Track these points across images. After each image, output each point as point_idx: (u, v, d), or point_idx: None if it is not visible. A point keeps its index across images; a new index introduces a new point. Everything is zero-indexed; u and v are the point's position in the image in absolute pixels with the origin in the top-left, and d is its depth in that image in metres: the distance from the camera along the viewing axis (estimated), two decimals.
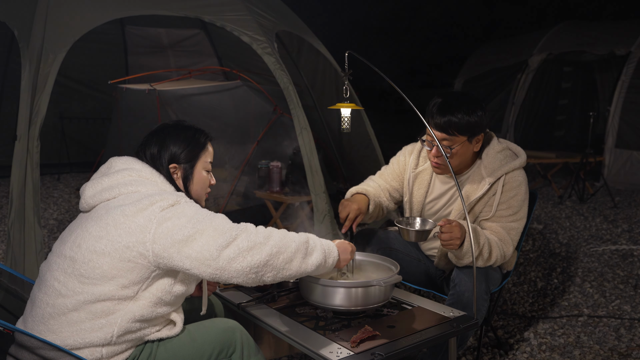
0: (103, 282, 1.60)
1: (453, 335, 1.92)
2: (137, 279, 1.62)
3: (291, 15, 5.18)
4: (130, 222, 1.61)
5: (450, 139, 2.26)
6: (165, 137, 1.86)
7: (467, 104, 2.25)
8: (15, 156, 3.31)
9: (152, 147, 1.85)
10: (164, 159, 1.83)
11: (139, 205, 1.63)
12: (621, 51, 7.16)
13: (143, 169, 1.78)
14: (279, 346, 2.41)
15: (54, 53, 3.46)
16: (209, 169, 1.92)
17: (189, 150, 1.86)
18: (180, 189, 1.84)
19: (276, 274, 1.65)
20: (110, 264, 1.60)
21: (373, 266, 2.16)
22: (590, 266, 4.13)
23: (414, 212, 2.52)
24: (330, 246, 1.84)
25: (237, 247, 1.59)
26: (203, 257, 1.58)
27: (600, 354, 2.80)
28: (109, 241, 1.61)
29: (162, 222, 1.60)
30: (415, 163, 2.52)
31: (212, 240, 1.58)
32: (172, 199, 1.66)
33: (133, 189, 1.71)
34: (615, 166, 6.98)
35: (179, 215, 1.62)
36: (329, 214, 3.94)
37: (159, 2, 4.06)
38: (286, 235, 1.71)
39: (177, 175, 1.85)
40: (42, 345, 1.52)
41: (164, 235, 1.59)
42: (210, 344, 1.74)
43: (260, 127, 5.13)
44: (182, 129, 1.90)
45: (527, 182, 2.37)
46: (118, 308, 1.61)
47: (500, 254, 2.28)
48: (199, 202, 1.88)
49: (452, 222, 2.13)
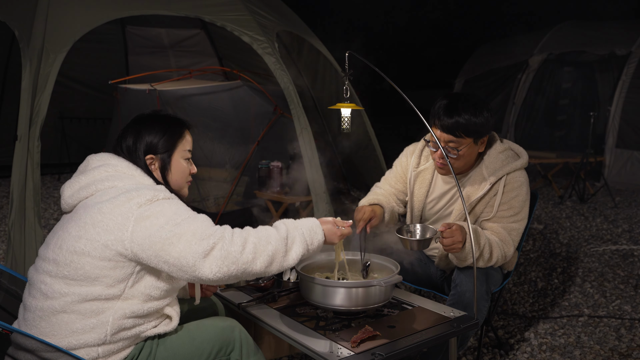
0: (88, 282, 1.59)
1: (453, 335, 1.92)
2: (121, 276, 1.60)
3: (291, 15, 5.18)
4: (107, 219, 1.59)
5: (457, 141, 2.24)
6: (141, 128, 1.82)
7: (473, 105, 2.23)
8: (16, 156, 3.31)
9: (127, 139, 1.81)
10: (140, 150, 1.79)
11: (116, 201, 1.61)
12: (622, 51, 7.15)
13: (119, 164, 1.75)
14: (280, 346, 2.40)
15: (54, 53, 3.47)
16: (188, 157, 1.87)
17: (166, 139, 1.81)
18: (159, 180, 1.81)
19: (257, 275, 1.64)
20: (91, 264, 1.59)
21: (373, 266, 2.16)
22: (590, 266, 4.13)
23: (415, 211, 2.51)
24: (312, 230, 1.75)
25: (214, 257, 1.56)
26: (180, 264, 1.56)
27: (600, 354, 2.79)
28: (88, 240, 1.59)
29: (140, 221, 1.58)
30: (417, 162, 2.51)
31: (189, 248, 1.55)
32: (150, 194, 1.62)
33: (110, 184, 1.68)
34: (616, 166, 6.98)
35: (157, 214, 1.59)
36: (329, 214, 3.94)
37: (159, 2, 4.06)
38: (263, 237, 1.65)
39: (155, 166, 1.81)
40: (40, 345, 1.52)
41: (142, 235, 1.57)
42: (209, 342, 1.74)
43: (260, 127, 5.13)
44: (157, 118, 1.86)
45: (528, 183, 2.36)
46: (107, 307, 1.60)
47: (501, 255, 2.27)
48: (180, 192, 1.85)
49: (452, 226, 2.12)
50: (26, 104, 3.35)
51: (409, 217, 2.55)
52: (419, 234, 2.22)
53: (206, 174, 5.08)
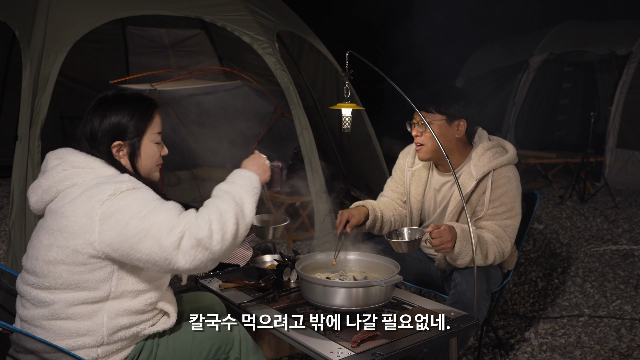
0: (71, 289, 1.56)
1: (453, 335, 1.91)
2: (102, 277, 1.56)
3: (292, 15, 5.18)
4: (72, 223, 1.53)
5: (430, 116, 2.33)
6: (106, 111, 1.68)
7: (451, 91, 2.40)
8: (16, 156, 3.32)
9: (90, 125, 1.68)
10: (106, 136, 1.66)
11: (78, 202, 1.54)
12: (622, 51, 7.15)
13: (76, 159, 1.65)
14: (280, 346, 2.41)
15: (54, 53, 3.47)
16: (158, 141, 1.76)
17: (135, 123, 1.69)
18: (127, 167, 1.70)
19: (232, 249, 1.60)
20: (68, 271, 1.54)
21: (374, 266, 2.16)
22: (591, 266, 4.12)
23: (414, 209, 2.53)
24: (250, 180, 1.70)
25: (185, 248, 1.50)
26: (153, 259, 1.51)
27: (601, 354, 2.79)
28: (59, 248, 1.54)
29: (105, 220, 1.51)
30: (412, 162, 2.56)
31: (159, 243, 1.49)
32: (111, 188, 1.53)
33: (69, 182, 1.60)
34: (616, 166, 6.98)
35: (121, 209, 1.51)
36: (329, 214, 3.94)
37: (159, 2, 4.06)
38: (220, 210, 1.58)
39: (123, 153, 1.70)
40: (40, 346, 1.52)
41: (109, 235, 1.51)
42: (209, 340, 1.75)
43: (260, 127, 5.13)
44: (124, 99, 1.71)
45: (518, 178, 2.36)
46: (99, 308, 1.58)
47: (498, 251, 2.28)
48: (150, 177, 1.77)
49: (440, 227, 2.13)
50: (26, 104, 3.35)
51: (408, 216, 2.57)
52: (408, 237, 2.23)
53: (206, 174, 5.09)
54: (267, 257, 2.52)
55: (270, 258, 2.51)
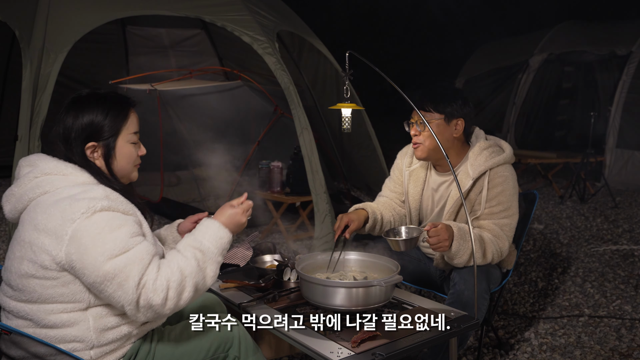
0: (48, 302, 1.53)
1: (453, 335, 1.92)
2: (77, 289, 1.53)
3: (292, 15, 5.18)
4: (43, 237, 1.49)
5: (427, 115, 2.33)
6: (79, 111, 1.62)
7: (447, 89, 2.39)
8: (17, 156, 3.32)
9: (63, 125, 1.62)
10: (79, 138, 1.61)
11: (49, 216, 1.49)
12: (622, 51, 7.15)
13: (47, 165, 1.60)
14: (280, 346, 2.41)
15: (54, 53, 3.47)
16: (135, 141, 1.71)
17: (109, 123, 1.64)
18: (102, 169, 1.66)
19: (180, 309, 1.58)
20: (40, 285, 1.51)
21: (373, 266, 2.16)
22: (591, 266, 4.12)
23: (412, 209, 2.53)
24: (222, 242, 1.65)
25: (141, 306, 1.49)
26: (108, 300, 1.51)
27: (601, 354, 2.79)
28: (30, 262, 1.51)
29: (74, 240, 1.47)
30: (410, 161, 2.56)
31: (121, 291, 1.47)
32: (84, 206, 1.48)
33: (40, 190, 1.56)
34: (616, 166, 6.97)
35: (92, 235, 1.46)
36: (329, 214, 3.94)
37: (159, 2, 4.07)
38: (183, 275, 1.54)
39: (98, 154, 1.65)
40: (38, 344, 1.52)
41: (75, 257, 1.47)
42: (208, 339, 1.75)
43: (261, 127, 5.13)
44: (97, 98, 1.66)
45: (515, 177, 2.37)
46: (81, 316, 1.55)
47: (496, 250, 2.28)
48: (129, 178, 1.73)
49: (437, 225, 2.13)
50: (27, 104, 3.36)
51: (407, 215, 2.57)
52: (405, 235, 2.23)
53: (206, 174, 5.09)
54: (267, 257, 2.52)
55: (270, 258, 2.51)
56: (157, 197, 5.12)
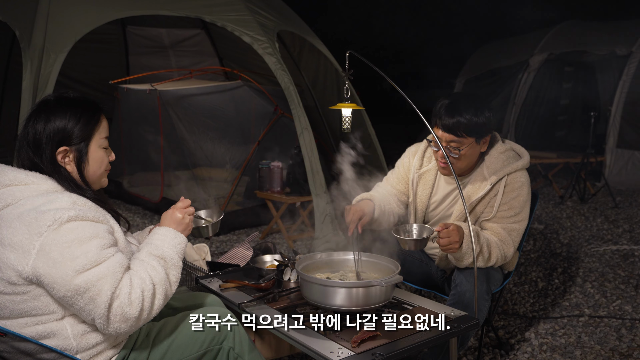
0: (23, 316, 1.50)
1: (454, 335, 1.91)
2: (48, 301, 1.50)
3: (292, 15, 5.18)
4: (8, 252, 1.45)
5: (459, 140, 2.25)
6: (50, 116, 1.58)
7: (475, 105, 2.24)
8: None
9: (33, 130, 1.58)
10: (50, 142, 1.57)
11: (15, 231, 1.44)
12: (622, 51, 7.15)
13: (6, 177, 1.54)
14: (280, 346, 2.40)
15: (55, 53, 3.47)
16: (105, 146, 1.69)
17: (81, 127, 1.60)
18: (72, 175, 1.62)
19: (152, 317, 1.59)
20: (10, 301, 1.48)
21: (374, 266, 2.16)
22: (591, 266, 4.12)
23: (418, 212, 2.51)
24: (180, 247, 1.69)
25: (112, 320, 1.47)
26: (84, 316, 1.49)
27: (601, 354, 2.79)
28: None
29: (42, 254, 1.43)
30: (420, 164, 2.51)
31: (93, 305, 1.45)
32: (50, 218, 1.43)
33: (3, 203, 1.51)
34: (617, 166, 6.97)
35: (62, 249, 1.43)
36: (329, 214, 3.94)
37: (160, 2, 4.07)
38: (154, 283, 1.56)
39: (70, 159, 1.62)
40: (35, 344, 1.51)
41: (43, 270, 1.43)
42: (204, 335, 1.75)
43: (261, 127, 5.13)
44: (68, 102, 1.62)
45: (529, 184, 2.36)
46: (56, 326, 1.53)
47: (500, 255, 2.28)
48: (100, 183, 1.71)
49: (449, 226, 2.12)
50: (27, 103, 3.36)
51: (412, 219, 2.55)
52: (416, 234, 2.21)
53: (207, 174, 5.09)
54: (267, 257, 2.52)
55: (270, 258, 2.51)
56: (157, 197, 5.12)
